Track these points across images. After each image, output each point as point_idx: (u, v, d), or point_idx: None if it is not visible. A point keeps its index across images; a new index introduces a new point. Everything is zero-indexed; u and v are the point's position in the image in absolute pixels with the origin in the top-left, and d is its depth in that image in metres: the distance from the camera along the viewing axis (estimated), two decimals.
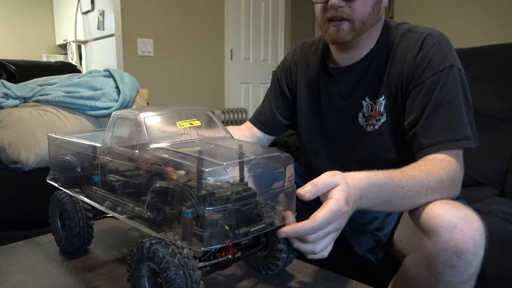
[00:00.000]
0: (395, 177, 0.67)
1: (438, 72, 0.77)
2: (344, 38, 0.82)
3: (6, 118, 1.33)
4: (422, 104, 0.78)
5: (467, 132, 0.75)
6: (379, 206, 0.68)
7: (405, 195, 0.68)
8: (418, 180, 0.68)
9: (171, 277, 0.48)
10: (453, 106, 0.76)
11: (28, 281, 0.66)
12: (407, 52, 0.82)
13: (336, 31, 0.82)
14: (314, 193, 0.58)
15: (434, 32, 0.82)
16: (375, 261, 0.90)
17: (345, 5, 0.79)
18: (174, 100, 2.93)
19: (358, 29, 0.82)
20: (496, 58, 1.40)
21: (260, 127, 1.07)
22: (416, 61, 0.80)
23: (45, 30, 4.14)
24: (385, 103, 0.85)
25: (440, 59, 0.78)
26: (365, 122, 0.88)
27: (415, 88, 0.79)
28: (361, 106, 0.89)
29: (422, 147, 0.76)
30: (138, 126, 0.58)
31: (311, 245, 0.57)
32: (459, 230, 0.61)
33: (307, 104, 0.99)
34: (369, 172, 0.66)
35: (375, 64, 0.87)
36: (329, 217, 0.56)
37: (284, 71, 1.06)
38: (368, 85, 0.87)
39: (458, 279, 0.62)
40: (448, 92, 0.76)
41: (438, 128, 0.75)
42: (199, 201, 0.48)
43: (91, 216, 0.75)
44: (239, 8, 3.30)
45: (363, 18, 0.80)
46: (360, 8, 0.79)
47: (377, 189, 0.65)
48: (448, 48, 0.80)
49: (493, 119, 1.34)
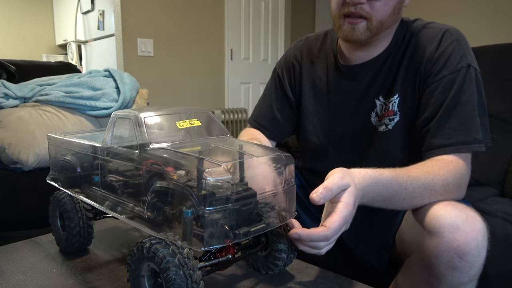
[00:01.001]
0: (400, 178, 0.67)
1: (455, 71, 0.75)
2: (359, 37, 0.78)
3: (6, 118, 1.33)
4: (437, 104, 0.76)
5: (478, 136, 0.74)
6: (379, 203, 0.68)
7: (407, 196, 0.68)
8: (423, 181, 0.68)
9: (171, 277, 0.48)
10: (467, 108, 0.74)
11: (28, 281, 0.66)
12: (425, 48, 0.79)
13: (351, 29, 0.78)
14: (328, 198, 0.58)
15: (452, 28, 0.80)
16: (378, 264, 0.88)
17: (366, 2, 0.75)
18: (174, 100, 2.93)
19: (375, 29, 0.77)
20: (496, 58, 1.40)
21: (263, 131, 0.99)
22: (434, 57, 0.77)
23: (45, 30, 4.14)
24: (398, 101, 0.82)
25: (458, 58, 0.76)
26: (378, 122, 0.85)
27: (430, 85, 0.77)
28: (374, 105, 0.85)
29: (432, 147, 0.75)
30: (138, 126, 0.58)
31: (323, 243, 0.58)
32: (462, 231, 0.61)
33: (315, 105, 0.94)
34: (375, 170, 0.66)
35: (389, 62, 0.84)
36: (342, 224, 0.57)
37: (287, 69, 0.99)
38: (382, 83, 0.84)
39: (460, 280, 0.62)
40: (464, 93, 0.75)
41: (451, 129, 0.74)
42: (199, 201, 0.48)
43: (91, 216, 0.75)
44: (239, 8, 3.30)
45: (383, 18, 0.77)
46: (382, 7, 0.75)
47: (380, 188, 0.65)
48: (466, 46, 0.78)
49: (493, 119, 1.33)
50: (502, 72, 1.37)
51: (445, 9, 2.82)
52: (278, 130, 1.00)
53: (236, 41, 3.33)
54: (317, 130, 0.95)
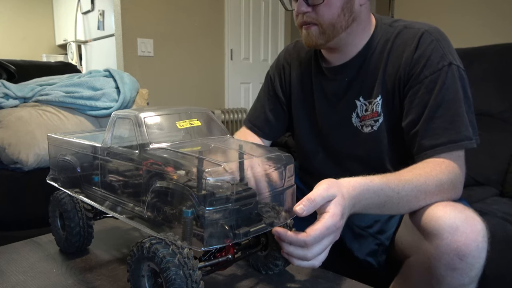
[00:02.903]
0: (391, 183, 0.67)
1: (436, 71, 0.75)
2: (316, 41, 0.82)
3: (6, 118, 1.33)
4: (421, 104, 0.76)
5: (468, 132, 0.74)
6: (373, 210, 0.68)
7: (401, 200, 0.68)
8: (416, 184, 0.68)
9: (171, 277, 0.48)
10: (453, 106, 0.74)
11: (28, 281, 0.66)
12: (404, 49, 0.80)
13: (307, 35, 0.82)
14: (311, 209, 0.57)
15: (431, 28, 0.80)
16: (376, 265, 0.89)
17: (311, 11, 0.79)
18: (174, 100, 2.93)
19: (329, 32, 0.80)
20: (496, 58, 1.40)
21: (256, 131, 1.03)
22: (413, 59, 0.78)
23: (45, 30, 4.14)
24: (382, 102, 0.83)
25: (438, 57, 0.76)
26: (359, 123, 0.86)
27: (413, 87, 0.78)
28: (355, 106, 0.87)
29: (423, 149, 0.75)
30: (138, 126, 0.58)
31: (302, 250, 0.57)
32: (461, 232, 0.61)
33: (302, 106, 0.97)
34: (364, 178, 0.66)
35: (368, 63, 0.85)
36: (324, 233, 0.56)
37: (278, 71, 1.03)
38: (362, 84, 0.85)
39: (460, 282, 0.62)
40: (447, 91, 0.74)
41: (439, 129, 0.74)
42: (199, 201, 0.48)
43: (91, 216, 0.75)
44: (239, 8, 3.30)
45: (331, 20, 0.79)
46: (326, 12, 0.78)
47: (371, 195, 0.65)
48: (446, 44, 0.78)
49: (493, 119, 1.34)
50: (502, 72, 1.37)
51: (446, 9, 2.82)
52: (270, 130, 1.04)
53: (236, 41, 3.33)
54: (306, 130, 0.98)
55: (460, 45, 1.19)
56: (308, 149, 0.99)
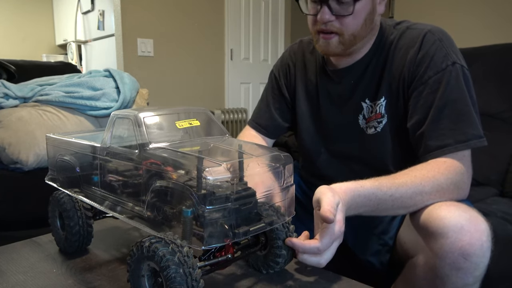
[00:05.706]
0: (383, 186, 0.68)
1: (440, 71, 0.75)
2: (334, 50, 0.81)
3: (6, 118, 1.33)
4: (426, 105, 0.75)
5: (477, 131, 0.73)
6: (367, 213, 0.69)
7: (395, 202, 0.68)
8: (410, 186, 0.68)
9: (171, 275, 0.48)
10: (459, 105, 0.74)
11: (28, 281, 0.66)
12: (408, 50, 0.80)
13: (326, 44, 0.81)
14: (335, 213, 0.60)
15: (434, 28, 0.80)
16: (378, 265, 0.88)
17: (335, 20, 0.77)
18: (174, 100, 2.93)
19: (348, 42, 0.80)
20: (496, 58, 1.40)
21: (260, 130, 1.04)
22: (417, 59, 0.77)
23: (45, 30, 4.14)
24: (385, 104, 0.83)
25: (441, 57, 0.76)
26: (365, 124, 0.86)
27: (417, 88, 0.77)
28: (361, 108, 0.87)
29: (429, 150, 0.74)
30: (137, 126, 0.58)
31: (316, 257, 0.61)
32: (466, 231, 0.61)
33: (307, 106, 0.97)
34: (355, 183, 0.68)
35: (373, 65, 0.85)
36: (333, 239, 0.60)
37: (283, 70, 1.03)
38: (368, 86, 0.86)
39: (464, 281, 0.62)
40: (452, 91, 0.74)
41: (446, 130, 0.73)
42: (199, 201, 0.48)
43: (90, 215, 0.75)
44: (239, 8, 3.30)
45: (354, 31, 0.78)
46: (351, 23, 0.77)
47: (362, 199, 0.67)
48: (449, 44, 0.78)
49: (493, 119, 1.34)
50: (502, 72, 1.37)
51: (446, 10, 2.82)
52: (275, 129, 1.04)
53: (236, 41, 3.33)
54: (310, 130, 0.98)
55: (460, 45, 1.18)
56: (311, 149, 0.99)
